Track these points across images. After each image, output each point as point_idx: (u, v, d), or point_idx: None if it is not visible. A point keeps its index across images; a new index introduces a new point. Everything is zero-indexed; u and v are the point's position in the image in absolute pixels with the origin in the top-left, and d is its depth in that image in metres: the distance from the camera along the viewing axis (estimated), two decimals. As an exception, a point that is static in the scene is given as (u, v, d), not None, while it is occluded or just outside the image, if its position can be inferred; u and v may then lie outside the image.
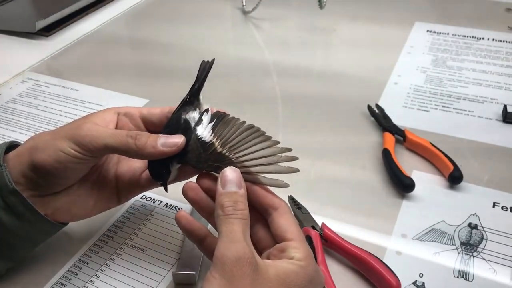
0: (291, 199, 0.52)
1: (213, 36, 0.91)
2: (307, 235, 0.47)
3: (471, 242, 0.48)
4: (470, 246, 0.48)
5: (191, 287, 0.46)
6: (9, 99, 0.75)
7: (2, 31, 0.95)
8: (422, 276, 0.45)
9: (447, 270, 0.46)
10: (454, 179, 0.54)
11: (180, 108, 0.45)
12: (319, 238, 0.46)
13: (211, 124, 0.43)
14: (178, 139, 0.42)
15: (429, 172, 0.56)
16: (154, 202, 0.55)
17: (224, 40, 0.91)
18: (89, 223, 0.48)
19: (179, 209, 0.53)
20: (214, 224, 0.38)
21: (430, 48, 0.82)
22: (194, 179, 0.43)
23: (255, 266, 0.34)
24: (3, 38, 0.93)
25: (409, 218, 0.51)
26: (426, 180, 0.55)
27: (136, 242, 0.50)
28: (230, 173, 0.39)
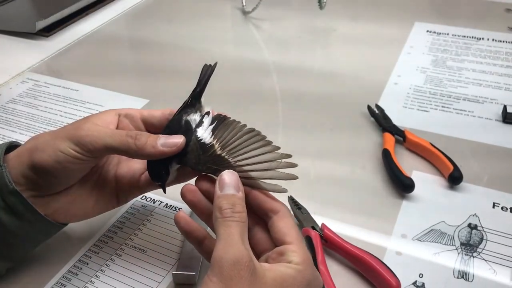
0: (291, 199, 0.52)
1: (213, 36, 0.91)
2: (307, 235, 0.47)
3: (471, 243, 0.48)
4: (470, 247, 0.48)
5: (191, 287, 0.46)
6: (9, 100, 0.75)
7: (2, 31, 0.95)
8: (422, 277, 0.45)
9: (447, 271, 0.46)
10: (454, 179, 0.54)
11: (181, 110, 0.45)
12: (319, 238, 0.46)
13: (212, 126, 0.43)
14: (178, 139, 0.42)
15: (429, 173, 0.56)
16: (154, 203, 0.55)
17: (224, 40, 0.91)
18: (89, 223, 0.48)
19: (179, 209, 0.53)
20: (212, 227, 0.38)
21: (430, 48, 0.82)
22: (193, 181, 0.43)
23: (252, 270, 0.34)
24: (3, 38, 0.93)
25: (409, 218, 0.51)
26: (426, 181, 0.55)
27: (136, 242, 0.50)
28: (228, 176, 0.38)
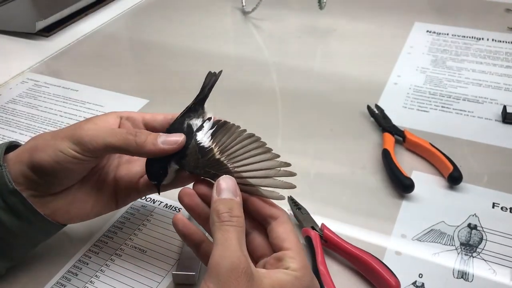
0: (290, 199, 0.52)
1: (213, 36, 0.91)
2: (307, 235, 0.47)
3: (470, 243, 0.48)
4: (469, 247, 0.48)
5: (191, 287, 0.46)
6: (9, 100, 0.75)
7: (2, 31, 0.95)
8: (421, 277, 0.45)
9: (447, 271, 0.46)
10: (454, 179, 0.54)
11: (184, 114, 0.45)
12: (318, 238, 0.46)
13: (211, 131, 0.43)
14: (178, 138, 0.42)
15: (428, 173, 0.56)
16: (154, 203, 0.55)
17: (224, 40, 0.91)
18: (89, 224, 0.48)
19: (179, 210, 0.53)
20: (210, 231, 0.38)
21: (430, 49, 0.82)
22: (191, 186, 0.43)
23: (250, 276, 0.34)
24: (3, 39, 0.93)
25: (408, 218, 0.51)
26: (425, 181, 0.55)
27: (136, 242, 0.50)
28: (226, 181, 0.38)
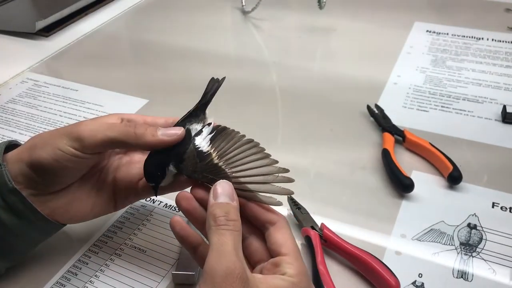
0: (290, 199, 0.52)
1: (212, 36, 0.91)
2: (307, 235, 0.47)
3: (470, 242, 0.48)
4: (469, 246, 0.48)
5: (191, 287, 0.46)
6: (8, 100, 0.75)
7: (2, 31, 0.95)
8: (421, 276, 0.45)
9: (447, 270, 0.46)
10: (454, 179, 0.54)
11: (185, 118, 0.45)
12: (318, 238, 0.46)
13: (210, 136, 0.43)
14: (178, 130, 0.42)
15: (428, 172, 0.56)
16: (154, 203, 0.55)
17: (224, 40, 0.91)
18: (88, 223, 0.48)
19: (178, 210, 0.53)
20: (207, 235, 0.38)
21: (430, 48, 0.82)
22: (188, 189, 0.42)
23: (245, 281, 0.33)
24: (3, 38, 0.93)
25: (408, 218, 0.51)
26: (425, 180, 0.55)
27: (136, 242, 0.50)
28: (223, 185, 0.38)
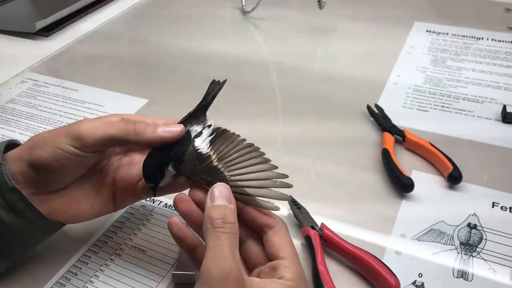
0: (290, 199, 0.52)
1: (212, 36, 0.91)
2: (307, 235, 0.47)
3: (470, 242, 0.48)
4: (469, 246, 0.48)
5: (191, 287, 0.46)
6: (8, 99, 0.75)
7: (2, 31, 0.95)
8: (421, 276, 0.45)
9: (447, 270, 0.46)
10: (454, 179, 0.54)
11: (185, 119, 0.45)
12: (318, 238, 0.46)
13: (210, 138, 0.43)
14: (177, 127, 0.42)
15: (428, 172, 0.56)
16: (154, 202, 0.55)
17: (224, 40, 0.91)
18: (88, 223, 0.48)
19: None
20: (203, 238, 0.38)
21: (430, 48, 0.82)
22: (186, 192, 0.42)
23: (241, 284, 0.33)
24: (3, 38, 0.93)
25: (408, 218, 0.51)
26: (425, 180, 0.55)
27: (136, 242, 0.50)
28: (220, 188, 0.38)
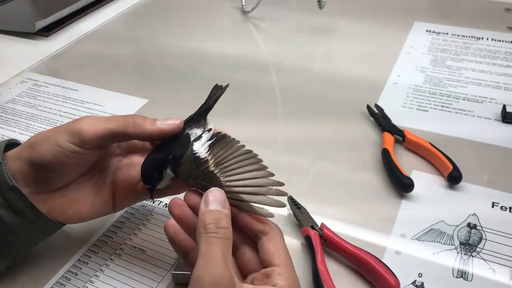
0: (290, 199, 0.52)
1: (212, 36, 0.91)
2: (306, 235, 0.47)
3: (470, 242, 0.48)
4: (469, 246, 0.48)
5: None
6: (8, 99, 0.75)
7: (1, 31, 0.95)
8: (421, 276, 0.45)
9: (446, 270, 0.46)
10: (453, 179, 0.54)
11: (185, 123, 0.45)
12: (318, 238, 0.46)
13: (209, 142, 0.43)
14: (176, 120, 0.43)
15: (428, 172, 0.56)
16: (154, 203, 0.55)
17: (224, 40, 0.91)
18: (88, 223, 0.48)
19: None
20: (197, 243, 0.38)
21: (430, 48, 0.82)
22: (181, 196, 0.42)
23: None
24: (3, 38, 0.93)
25: (408, 218, 0.51)
26: (425, 180, 0.55)
27: (136, 242, 0.50)
28: (214, 193, 0.38)
